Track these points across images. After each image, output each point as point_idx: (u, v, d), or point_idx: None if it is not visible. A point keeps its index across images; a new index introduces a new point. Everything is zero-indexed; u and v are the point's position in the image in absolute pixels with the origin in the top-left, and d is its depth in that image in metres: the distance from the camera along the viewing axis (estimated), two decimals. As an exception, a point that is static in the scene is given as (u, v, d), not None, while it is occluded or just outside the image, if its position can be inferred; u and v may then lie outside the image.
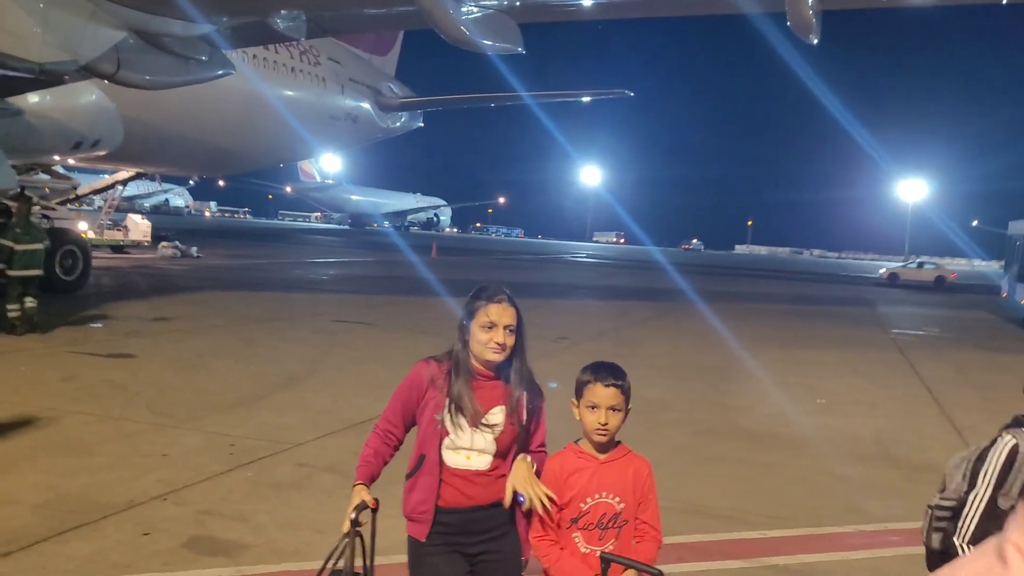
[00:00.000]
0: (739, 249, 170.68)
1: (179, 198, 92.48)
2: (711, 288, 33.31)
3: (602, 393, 2.79)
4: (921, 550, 3.19)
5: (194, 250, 30.36)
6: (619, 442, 2.88)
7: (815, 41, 12.50)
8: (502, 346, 2.89)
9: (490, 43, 13.30)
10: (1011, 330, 23.38)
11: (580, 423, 2.86)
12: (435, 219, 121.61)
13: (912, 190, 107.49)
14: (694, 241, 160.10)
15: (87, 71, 13.07)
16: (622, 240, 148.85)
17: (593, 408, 2.78)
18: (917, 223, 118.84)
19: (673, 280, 38.25)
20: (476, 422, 2.87)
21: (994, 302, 32.16)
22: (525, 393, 2.98)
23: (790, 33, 11.92)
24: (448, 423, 2.87)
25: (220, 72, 15.71)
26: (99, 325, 12.80)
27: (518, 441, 2.94)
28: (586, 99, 34.57)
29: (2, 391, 8.01)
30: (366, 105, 28.50)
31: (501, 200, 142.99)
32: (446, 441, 2.88)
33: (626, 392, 2.83)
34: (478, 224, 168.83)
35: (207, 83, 16.02)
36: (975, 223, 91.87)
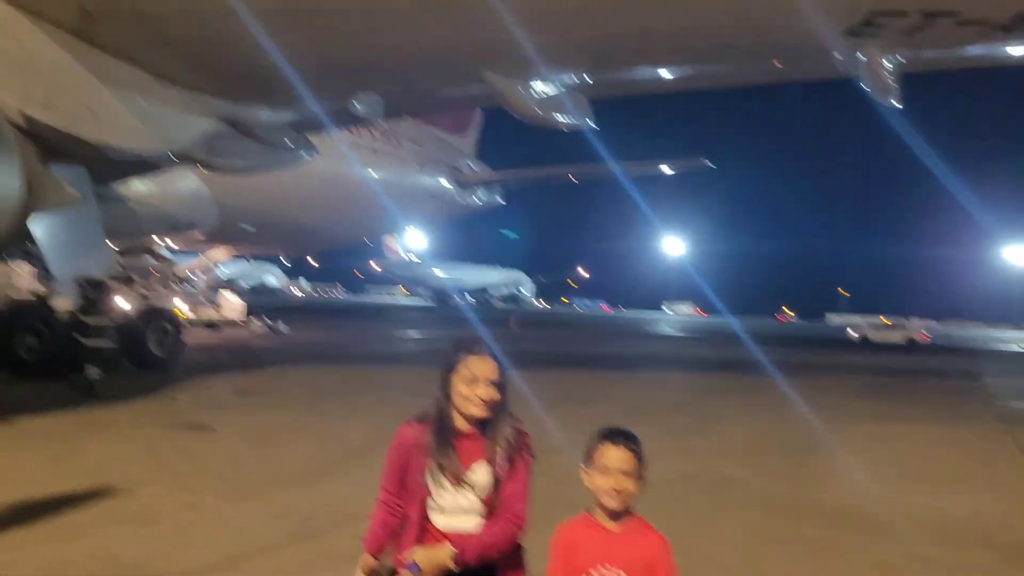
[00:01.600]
0: (832, 319, 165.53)
1: (272, 277, 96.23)
2: (799, 359, 32.35)
3: (614, 455, 2.72)
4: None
5: (282, 326, 31.35)
6: (635, 514, 2.80)
7: (898, 105, 12.31)
8: (484, 400, 2.84)
9: (563, 119, 13.60)
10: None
11: (591, 492, 2.79)
12: (517, 292, 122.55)
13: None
14: (786, 310, 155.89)
15: (181, 158, 13.94)
16: (698, 310, 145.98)
17: (604, 471, 2.72)
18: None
19: (757, 351, 37.33)
20: (458, 480, 2.81)
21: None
22: (507, 447, 2.87)
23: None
24: (431, 483, 2.84)
25: (305, 156, 16.50)
26: (184, 399, 13.30)
27: (496, 498, 2.84)
28: (666, 170, 34.76)
29: (85, 462, 8.39)
30: (446, 183, 29.36)
31: (583, 272, 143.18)
32: (429, 502, 2.84)
33: (640, 457, 2.77)
34: (564, 299, 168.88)
35: (294, 167, 16.84)
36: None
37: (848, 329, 52.55)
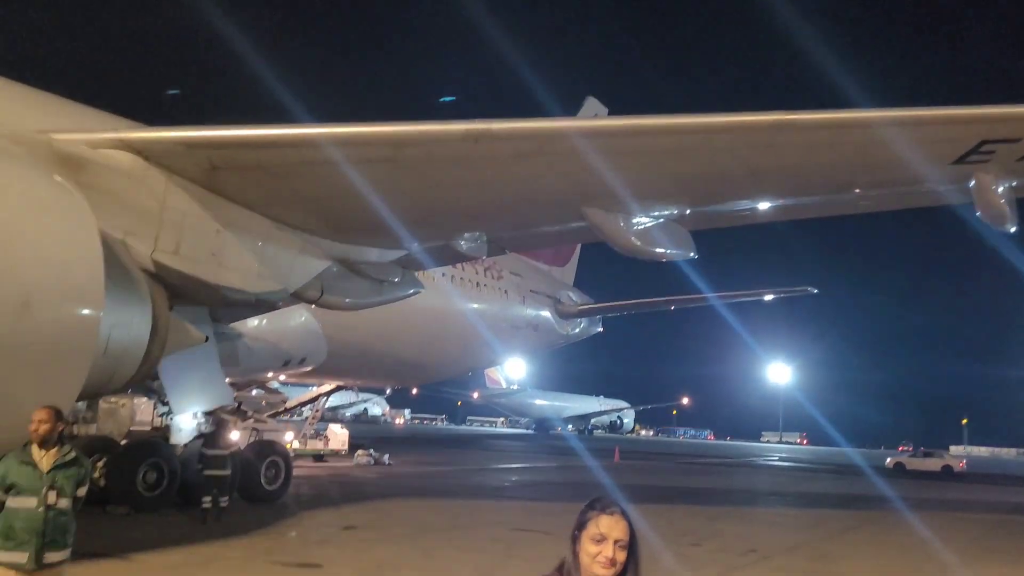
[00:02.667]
0: (954, 450, 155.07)
1: (376, 407, 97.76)
2: (920, 495, 30.27)
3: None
4: None
5: (386, 458, 31.58)
6: None
7: (1012, 229, 11.93)
8: (611, 561, 2.77)
9: (662, 251, 13.69)
10: None
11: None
12: (618, 422, 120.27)
13: None
14: (902, 449, 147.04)
15: (295, 297, 14.63)
16: (804, 441, 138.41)
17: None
18: None
19: (876, 486, 35.21)
20: None
21: None
22: None
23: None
24: None
25: (411, 291, 17.07)
26: (293, 534, 13.43)
27: None
28: (769, 297, 34.27)
29: (201, 600, 8.49)
30: (546, 314, 29.72)
31: (685, 400, 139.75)
32: None
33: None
34: (678, 431, 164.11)
35: (400, 301, 17.41)
36: None
37: (888, 459, 50.44)
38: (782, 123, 11.06)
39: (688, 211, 13.72)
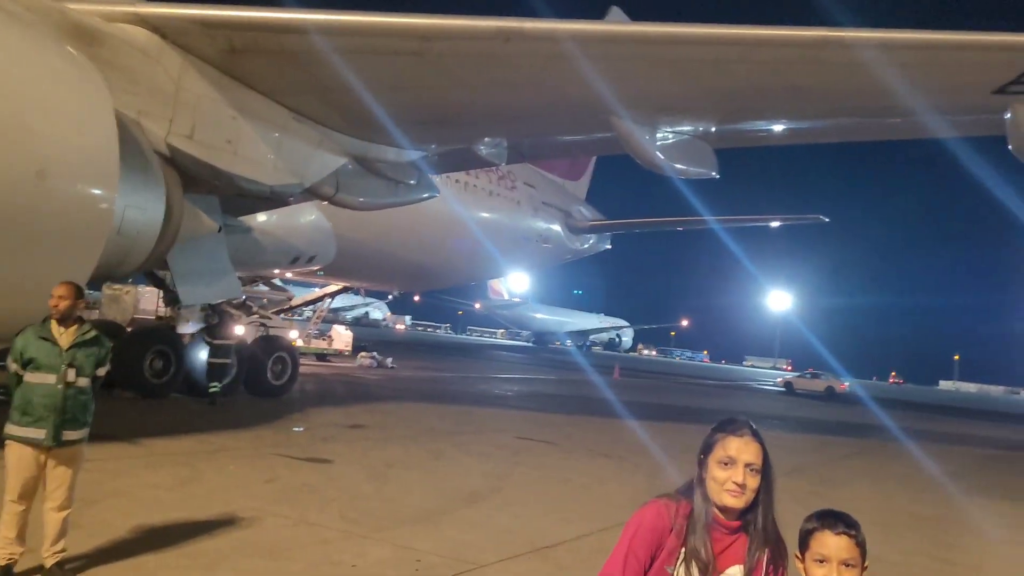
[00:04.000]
0: (944, 385, 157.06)
1: (377, 311, 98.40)
2: (915, 426, 30.60)
3: (832, 543, 2.42)
4: None
5: (389, 361, 31.79)
6: None
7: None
8: (741, 487, 2.51)
9: (684, 168, 13.36)
10: None
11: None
12: (617, 339, 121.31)
13: None
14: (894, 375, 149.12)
15: (310, 193, 14.32)
16: (788, 367, 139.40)
17: (821, 562, 2.43)
18: None
19: (871, 415, 35.59)
20: None
21: None
22: (767, 551, 2.57)
23: (1003, 152, 11.17)
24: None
25: (426, 195, 16.73)
26: (300, 429, 13.48)
27: None
28: (776, 224, 33.88)
29: (212, 488, 8.51)
30: (557, 227, 29.37)
31: (685, 323, 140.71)
32: None
33: (861, 545, 2.46)
34: (675, 352, 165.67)
35: (413, 205, 17.10)
36: None
37: (779, 378, 56.10)
38: (827, 40, 10.56)
39: (715, 128, 13.32)
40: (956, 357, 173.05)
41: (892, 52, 10.78)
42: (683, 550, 2.52)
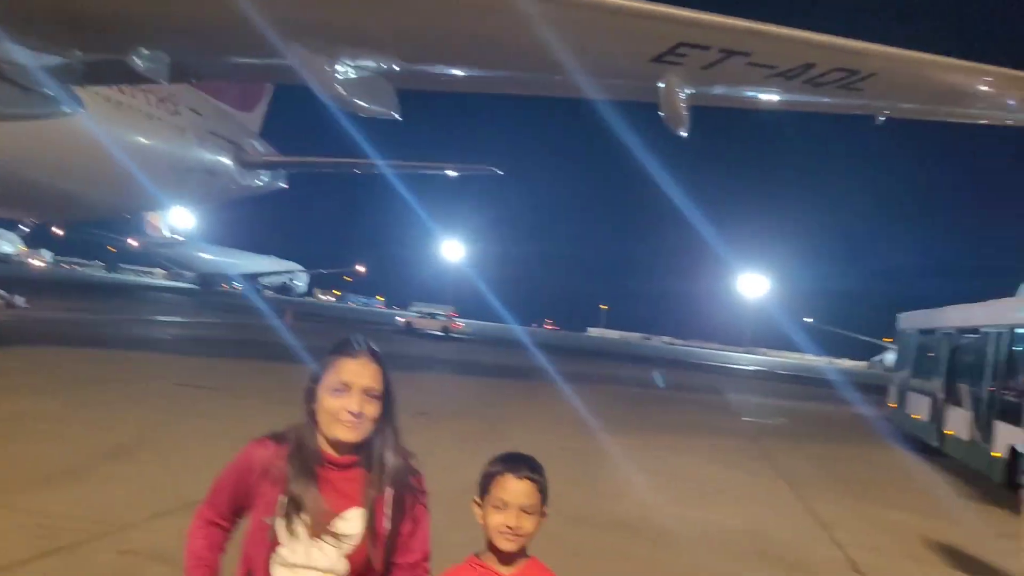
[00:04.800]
0: (592, 332, 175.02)
1: (7, 244, 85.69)
2: (568, 368, 33.54)
3: (513, 488, 2.26)
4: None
5: (20, 300, 27.72)
6: (531, 556, 2.36)
7: (685, 135, 12.96)
8: (357, 417, 2.16)
9: (366, 105, 12.94)
10: (860, 424, 24.57)
11: (483, 528, 2.33)
12: (290, 283, 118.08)
13: (753, 285, 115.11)
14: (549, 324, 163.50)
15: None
16: (454, 314, 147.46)
17: (501, 507, 2.27)
18: (758, 317, 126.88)
19: (530, 359, 38.40)
20: (319, 530, 2.12)
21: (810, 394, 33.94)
22: (391, 489, 2.23)
23: (655, 122, 12.28)
24: (281, 530, 2.11)
25: (66, 110, 14.52)
26: None
27: (378, 557, 2.18)
28: (452, 173, 34.70)
29: None
30: (226, 160, 27.37)
31: (361, 268, 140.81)
32: (275, 556, 2.12)
33: (543, 490, 2.34)
34: (336, 292, 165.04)
35: (51, 120, 14.78)
36: (808, 319, 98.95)
37: (396, 317, 60.71)
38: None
39: (397, 67, 13.06)
40: (604, 307, 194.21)
41: (558, 8, 11.23)
42: (283, 497, 2.15)
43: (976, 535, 9.49)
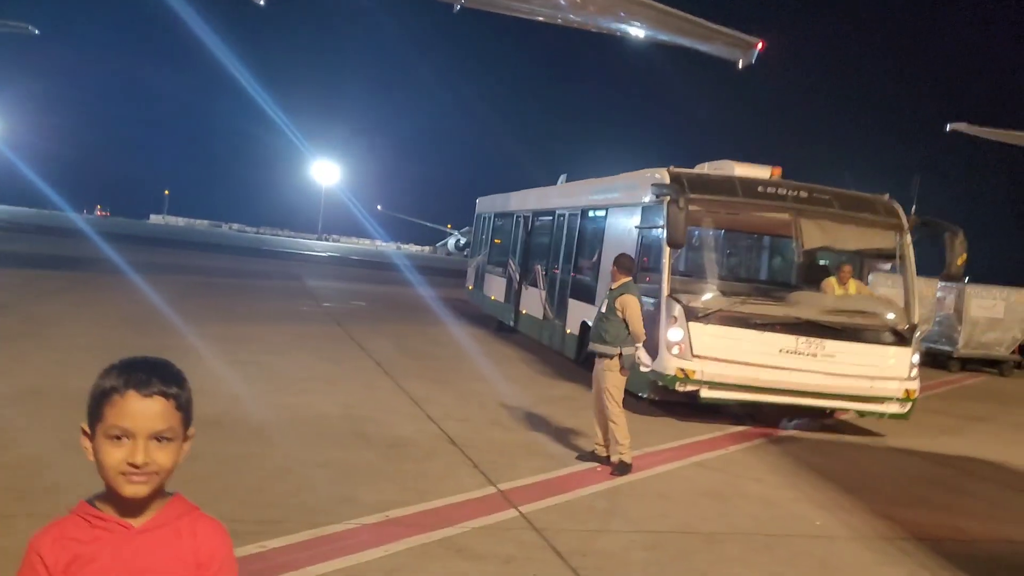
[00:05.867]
0: (155, 219, 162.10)
1: None
2: (128, 259, 30.34)
3: (137, 409, 1.53)
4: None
5: None
6: (172, 495, 1.64)
7: (262, 3, 11.86)
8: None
9: None
10: (430, 305, 25.84)
11: (98, 468, 1.55)
12: None
13: (326, 173, 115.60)
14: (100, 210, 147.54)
15: None
16: None
17: (120, 438, 1.53)
18: (331, 204, 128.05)
19: (85, 248, 34.03)
20: None
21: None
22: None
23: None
24: None
25: None
26: None
27: None
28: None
29: None
30: None
31: None
32: None
33: (184, 406, 1.64)
34: None
35: None
36: (379, 207, 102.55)
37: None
38: None
39: None
40: (167, 192, 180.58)
41: None
42: None
43: (542, 400, 10.46)
